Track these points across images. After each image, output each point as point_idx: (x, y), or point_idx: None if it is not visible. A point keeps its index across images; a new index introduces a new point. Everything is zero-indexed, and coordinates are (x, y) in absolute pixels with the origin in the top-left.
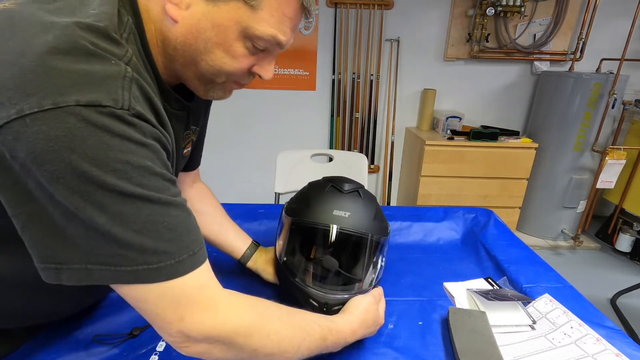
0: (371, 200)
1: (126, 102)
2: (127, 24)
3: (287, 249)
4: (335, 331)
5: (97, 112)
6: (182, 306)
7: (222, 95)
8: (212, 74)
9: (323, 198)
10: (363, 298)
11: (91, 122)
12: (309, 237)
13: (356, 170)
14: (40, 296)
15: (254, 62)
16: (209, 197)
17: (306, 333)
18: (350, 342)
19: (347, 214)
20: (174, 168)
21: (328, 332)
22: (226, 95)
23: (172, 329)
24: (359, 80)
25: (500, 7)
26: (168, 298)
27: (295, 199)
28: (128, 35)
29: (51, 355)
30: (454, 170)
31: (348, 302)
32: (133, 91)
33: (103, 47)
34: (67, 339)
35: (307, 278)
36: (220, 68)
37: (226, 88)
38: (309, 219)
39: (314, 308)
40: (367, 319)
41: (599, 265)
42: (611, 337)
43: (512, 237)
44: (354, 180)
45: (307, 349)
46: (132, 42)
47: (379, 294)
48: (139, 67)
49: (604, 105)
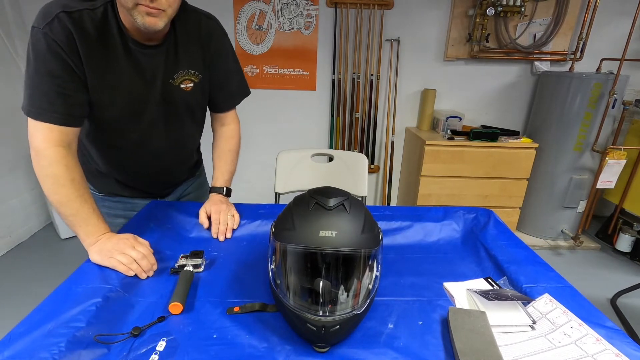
0: (358, 210)
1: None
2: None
3: (279, 274)
4: (84, 222)
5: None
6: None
7: (143, 20)
8: (124, 2)
9: (308, 218)
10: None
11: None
12: (299, 262)
13: (356, 170)
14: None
15: None
16: (225, 140)
17: (67, 198)
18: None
19: (333, 233)
20: (128, 80)
21: (92, 223)
22: (147, 20)
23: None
24: (359, 80)
25: (500, 7)
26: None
27: (281, 220)
28: (103, 3)
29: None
30: (454, 170)
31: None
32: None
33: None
34: (67, 338)
35: (302, 303)
36: None
37: (141, 11)
38: (296, 243)
39: (313, 332)
40: (107, 243)
41: (599, 265)
42: (611, 337)
43: (512, 237)
44: (339, 190)
45: (57, 202)
46: (104, 3)
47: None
48: (105, 12)
49: (604, 105)
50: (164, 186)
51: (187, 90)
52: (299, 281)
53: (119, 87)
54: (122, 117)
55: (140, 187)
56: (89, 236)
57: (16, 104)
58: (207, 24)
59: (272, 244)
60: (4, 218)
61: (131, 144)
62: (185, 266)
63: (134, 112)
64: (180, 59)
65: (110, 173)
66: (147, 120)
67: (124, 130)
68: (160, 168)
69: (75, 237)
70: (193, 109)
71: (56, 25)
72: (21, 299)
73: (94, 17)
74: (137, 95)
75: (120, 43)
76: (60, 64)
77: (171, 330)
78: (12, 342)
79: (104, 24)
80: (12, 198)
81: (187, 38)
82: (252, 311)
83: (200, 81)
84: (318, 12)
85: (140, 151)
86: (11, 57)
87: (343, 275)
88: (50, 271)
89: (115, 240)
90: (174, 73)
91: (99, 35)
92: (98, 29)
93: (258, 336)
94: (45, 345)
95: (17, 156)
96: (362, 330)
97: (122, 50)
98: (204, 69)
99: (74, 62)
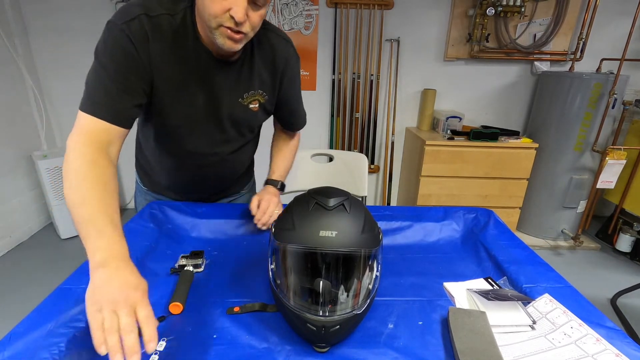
0: (359, 210)
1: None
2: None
3: (279, 274)
4: (96, 233)
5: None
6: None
7: (223, 42)
8: (207, 20)
9: (309, 218)
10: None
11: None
12: (298, 262)
13: (356, 170)
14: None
15: (229, 6)
16: (286, 138)
17: (89, 204)
18: (90, 257)
19: (334, 233)
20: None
21: (97, 230)
22: (227, 42)
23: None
24: (359, 81)
25: (500, 7)
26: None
27: (281, 220)
28: (184, 7)
29: (51, 355)
30: (454, 170)
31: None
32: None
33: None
34: (67, 338)
35: (302, 303)
36: (207, 12)
37: (222, 33)
38: (296, 243)
39: (313, 332)
40: (120, 283)
41: (599, 265)
42: (611, 337)
43: (512, 237)
44: (339, 190)
45: (71, 202)
46: (183, 10)
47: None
48: (184, 19)
49: (604, 105)
50: (209, 194)
51: (254, 111)
52: (299, 281)
53: (184, 97)
54: (181, 127)
55: (184, 192)
56: (97, 252)
57: (16, 104)
58: (285, 48)
59: (272, 244)
60: (4, 218)
61: (185, 152)
62: (186, 266)
63: (195, 123)
64: (254, 79)
65: (158, 173)
66: (206, 133)
67: (180, 139)
68: (209, 179)
69: (75, 237)
70: (254, 128)
71: (135, 25)
72: (21, 299)
73: (173, 23)
74: (200, 108)
75: (194, 55)
76: (129, 61)
77: (171, 330)
78: (12, 342)
79: (181, 33)
80: (12, 198)
81: (263, 59)
82: (252, 311)
83: (265, 102)
84: (318, 12)
85: (192, 161)
86: (11, 57)
87: (343, 275)
88: (50, 271)
89: (119, 284)
90: (244, 92)
91: (174, 43)
92: (175, 37)
93: (258, 336)
94: (45, 345)
95: (17, 156)
96: (362, 330)
97: (194, 62)
98: (272, 91)
99: (143, 64)
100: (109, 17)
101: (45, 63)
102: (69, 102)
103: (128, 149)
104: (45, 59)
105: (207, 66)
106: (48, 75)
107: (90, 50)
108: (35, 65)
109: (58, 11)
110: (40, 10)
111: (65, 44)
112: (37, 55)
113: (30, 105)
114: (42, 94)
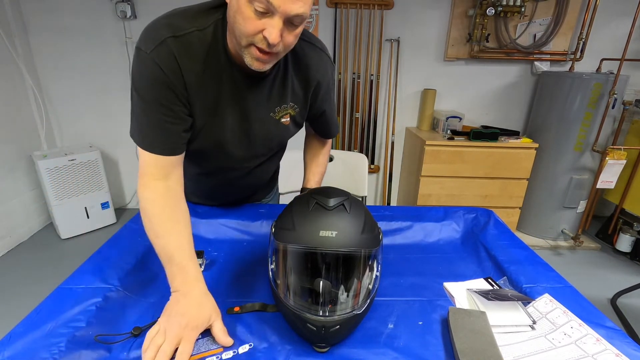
0: (359, 210)
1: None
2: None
3: (279, 274)
4: (178, 270)
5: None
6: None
7: (251, 62)
8: (237, 37)
9: (309, 217)
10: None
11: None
12: (299, 262)
13: (356, 170)
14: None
15: (262, 26)
16: (319, 142)
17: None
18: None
19: (334, 233)
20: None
21: (175, 263)
22: (255, 64)
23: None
24: (359, 81)
25: (500, 7)
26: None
27: (281, 220)
28: (215, 21)
29: (52, 355)
30: (454, 170)
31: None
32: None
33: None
34: (67, 338)
35: (302, 303)
36: (239, 30)
37: (252, 53)
38: (296, 243)
39: (313, 332)
40: (179, 312)
41: (599, 265)
42: (611, 337)
43: (512, 237)
44: (339, 190)
45: (158, 245)
46: (214, 23)
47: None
48: (215, 34)
49: (604, 105)
50: (234, 199)
51: (285, 125)
52: (299, 281)
53: (216, 122)
54: (210, 149)
55: (208, 198)
56: (175, 278)
57: (16, 104)
58: (321, 58)
59: (273, 244)
60: (4, 218)
61: (212, 167)
62: None
63: (225, 145)
64: (287, 93)
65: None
66: (235, 153)
67: (207, 158)
68: (235, 188)
69: (75, 237)
70: (284, 142)
71: (164, 51)
72: (21, 299)
73: (203, 38)
74: (232, 131)
75: (226, 74)
76: (169, 92)
77: None
78: (12, 342)
79: (212, 49)
80: (12, 198)
81: (296, 71)
82: (252, 311)
83: (296, 114)
84: (318, 12)
85: (218, 173)
86: (11, 57)
87: (343, 275)
88: (50, 271)
89: (182, 312)
90: (276, 106)
91: (205, 62)
92: (205, 54)
93: (258, 336)
94: (45, 345)
95: (18, 156)
96: (362, 330)
97: (226, 82)
98: (304, 103)
99: (179, 90)
100: (109, 16)
101: (45, 63)
102: (69, 102)
103: (129, 149)
104: (45, 59)
105: (239, 85)
106: (48, 75)
107: (90, 49)
108: (35, 65)
109: (58, 11)
110: (40, 9)
111: (65, 44)
112: (37, 55)
113: (30, 105)
114: (42, 94)
